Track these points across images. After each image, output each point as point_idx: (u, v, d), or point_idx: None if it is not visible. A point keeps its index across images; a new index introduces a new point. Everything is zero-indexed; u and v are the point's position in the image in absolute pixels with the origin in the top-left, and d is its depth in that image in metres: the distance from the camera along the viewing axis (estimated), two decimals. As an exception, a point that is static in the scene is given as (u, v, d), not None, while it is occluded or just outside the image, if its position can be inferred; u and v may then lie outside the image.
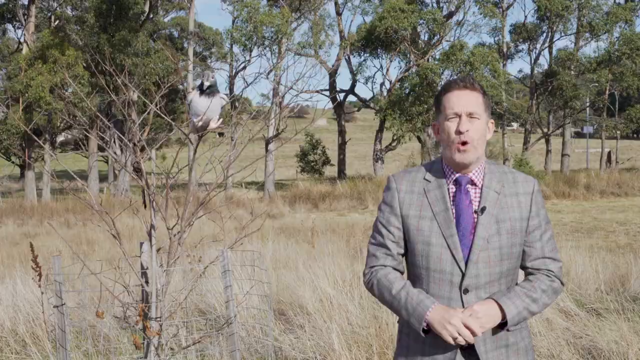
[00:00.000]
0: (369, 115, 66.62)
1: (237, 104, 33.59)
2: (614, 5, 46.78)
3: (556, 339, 5.94)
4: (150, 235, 3.28)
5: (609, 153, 52.32)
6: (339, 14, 48.63)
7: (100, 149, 42.38)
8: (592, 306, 7.56)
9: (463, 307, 2.77)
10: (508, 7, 47.83)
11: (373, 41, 43.61)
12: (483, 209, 2.80)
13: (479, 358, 2.78)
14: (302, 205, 31.55)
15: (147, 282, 3.29)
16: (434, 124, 2.97)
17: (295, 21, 43.48)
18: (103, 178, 52.52)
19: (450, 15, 44.98)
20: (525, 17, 49.43)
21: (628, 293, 8.08)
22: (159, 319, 2.95)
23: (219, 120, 3.49)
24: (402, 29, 40.95)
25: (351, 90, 49.96)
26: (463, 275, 2.78)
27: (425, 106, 41.50)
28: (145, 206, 3.34)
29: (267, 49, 41.59)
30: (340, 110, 49.87)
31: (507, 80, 46.05)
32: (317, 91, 45.89)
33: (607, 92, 47.95)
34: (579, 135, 78.76)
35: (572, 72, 45.27)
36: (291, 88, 39.66)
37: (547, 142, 48.21)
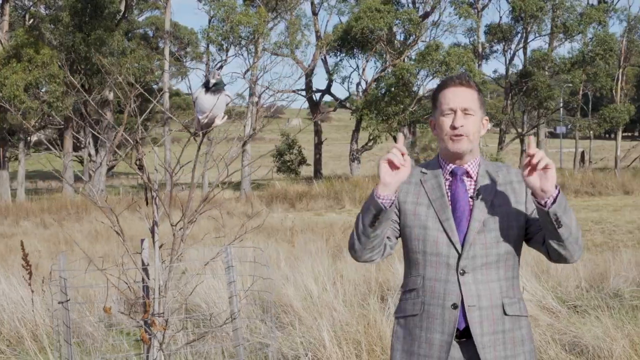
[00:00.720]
0: (344, 115, 66.79)
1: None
2: (588, 6, 47.23)
3: (541, 335, 6.03)
4: (153, 232, 3.31)
5: (583, 153, 52.82)
6: (315, 13, 48.70)
7: (75, 148, 42.11)
8: (574, 303, 7.66)
9: (460, 289, 2.84)
10: (483, 8, 48.18)
11: (349, 41, 43.67)
12: (478, 194, 2.90)
13: (474, 341, 2.83)
14: (279, 205, 31.51)
15: (147, 278, 3.32)
16: (431, 120, 3.08)
17: (272, 21, 43.44)
18: (77, 178, 52.12)
19: (426, 15, 45.17)
20: (500, 17, 49.80)
21: (608, 290, 8.21)
22: (162, 314, 2.98)
23: (223, 117, 3.54)
24: (378, 29, 41.07)
25: (327, 90, 50.01)
26: (459, 256, 2.85)
27: (402, 106, 41.68)
28: (147, 203, 3.36)
29: (244, 48, 41.52)
30: (316, 110, 49.90)
31: (483, 80, 46.31)
32: (294, 91, 45.89)
33: (581, 92, 48.42)
34: (552, 135, 79.34)
35: (547, 73, 45.65)
36: (268, 88, 39.61)
37: (522, 142, 48.56)
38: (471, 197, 2.91)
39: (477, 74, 42.26)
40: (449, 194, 2.93)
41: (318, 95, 50.58)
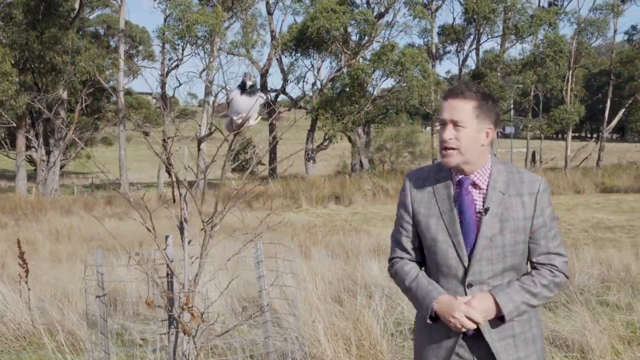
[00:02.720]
0: (297, 115, 66.76)
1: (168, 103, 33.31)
2: (539, 8, 47.99)
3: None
4: (182, 228, 3.36)
5: (534, 153, 53.70)
6: (270, 13, 48.64)
7: (26, 148, 41.43)
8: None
9: None
10: (437, 9, 48.64)
11: (305, 41, 43.72)
12: (487, 210, 2.91)
13: (488, 346, 2.92)
14: (236, 204, 31.38)
15: (172, 273, 3.36)
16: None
17: (228, 20, 43.27)
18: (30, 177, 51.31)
19: (380, 15, 45.44)
20: (454, 19, 50.48)
21: (574, 287, 8.40)
22: (191, 308, 3.03)
23: (257, 118, 3.61)
24: (334, 29, 41.19)
25: (282, 90, 50.00)
26: (466, 271, 2.92)
27: (357, 106, 41.88)
28: (174, 200, 3.41)
29: (200, 48, 41.33)
30: (270, 110, 49.76)
31: (437, 80, 46.76)
32: (248, 90, 45.65)
33: (532, 93, 49.20)
34: (504, 135, 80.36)
35: (499, 74, 46.24)
36: (224, 88, 39.47)
37: (475, 142, 49.02)
38: (479, 213, 2.94)
39: (431, 74, 42.69)
40: (456, 208, 2.96)
41: (273, 94, 50.53)
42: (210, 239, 3.30)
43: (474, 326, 2.86)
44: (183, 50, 43.42)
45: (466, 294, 2.92)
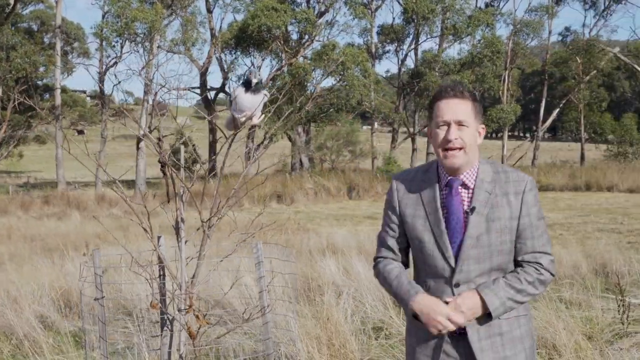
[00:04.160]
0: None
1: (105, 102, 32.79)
2: (476, 9, 48.68)
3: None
4: (178, 228, 3.27)
5: (470, 152, 54.33)
6: (209, 11, 48.22)
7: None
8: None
9: None
10: (377, 9, 48.92)
11: (245, 39, 43.42)
12: (473, 209, 2.94)
13: (471, 347, 2.95)
14: (176, 203, 31.05)
15: (164, 275, 3.27)
16: (428, 128, 3.11)
17: (167, 18, 42.77)
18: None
19: (321, 14, 45.48)
20: (393, 19, 50.80)
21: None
22: (189, 309, 2.95)
23: (260, 116, 3.53)
24: (276, 28, 41.05)
25: (222, 89, 49.66)
26: (453, 271, 2.95)
27: (297, 105, 41.82)
28: (168, 200, 3.32)
29: (140, 45, 40.74)
30: (210, 108, 49.47)
31: (377, 80, 47.00)
32: (188, 89, 45.36)
33: (470, 92, 49.76)
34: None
35: (437, 73, 46.70)
36: (164, 86, 38.92)
37: (413, 141, 49.59)
38: (466, 212, 2.96)
39: (372, 73, 42.88)
40: (445, 210, 2.98)
41: (213, 93, 50.20)
42: (209, 239, 3.22)
43: (454, 328, 2.89)
44: (122, 47, 42.76)
45: (454, 294, 2.94)
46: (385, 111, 48.52)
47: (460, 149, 2.92)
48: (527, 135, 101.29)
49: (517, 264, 3.04)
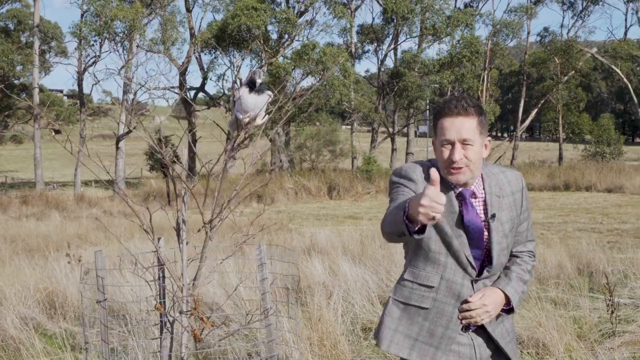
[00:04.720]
0: (210, 113, 66.11)
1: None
2: (455, 9, 48.89)
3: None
4: (179, 229, 3.23)
5: (450, 152, 54.50)
6: (189, 10, 47.96)
7: None
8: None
9: (473, 293, 3.01)
10: (356, 9, 49.02)
11: (225, 39, 43.29)
12: (493, 216, 2.96)
13: (486, 331, 3.04)
14: (157, 203, 30.97)
15: (164, 276, 3.23)
16: (433, 140, 3.06)
17: (147, 17, 42.54)
18: None
19: (301, 14, 45.44)
20: (373, 18, 50.93)
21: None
22: (194, 311, 2.92)
23: (264, 117, 3.51)
24: (255, 27, 40.96)
25: (201, 88, 49.50)
26: (476, 271, 3.00)
27: (277, 105, 41.73)
28: (169, 202, 3.28)
29: (119, 44, 40.51)
30: (189, 108, 49.30)
31: (357, 80, 47.02)
32: (167, 88, 45.16)
33: (449, 92, 50.03)
34: (420, 134, 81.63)
35: (416, 73, 46.83)
36: (143, 86, 38.86)
37: (393, 141, 49.70)
38: (484, 221, 2.97)
39: (352, 73, 42.91)
40: (463, 218, 2.94)
41: (192, 93, 50.00)
42: (210, 240, 3.19)
43: (441, 209, 2.40)
44: (101, 46, 42.48)
45: (473, 288, 2.99)
46: (365, 111, 48.57)
47: (465, 167, 2.89)
48: (505, 135, 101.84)
49: (512, 254, 3.13)
